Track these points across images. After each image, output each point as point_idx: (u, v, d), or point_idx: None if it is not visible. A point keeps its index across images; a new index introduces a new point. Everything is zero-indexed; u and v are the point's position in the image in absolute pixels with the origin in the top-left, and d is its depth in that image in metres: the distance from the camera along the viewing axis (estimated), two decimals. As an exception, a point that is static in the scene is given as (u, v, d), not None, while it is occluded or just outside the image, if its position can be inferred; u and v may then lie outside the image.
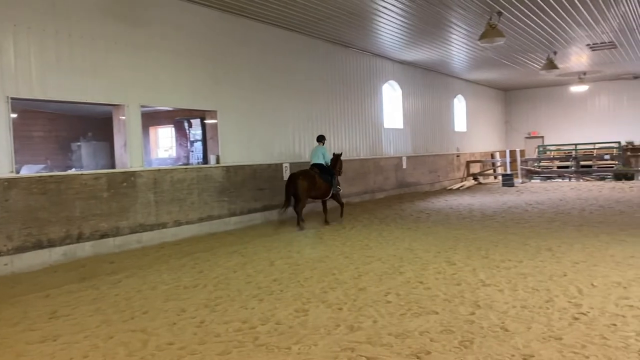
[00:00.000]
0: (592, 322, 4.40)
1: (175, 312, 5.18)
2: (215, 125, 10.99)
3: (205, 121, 11.67)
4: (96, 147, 14.39)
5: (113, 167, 9.90)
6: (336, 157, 11.91)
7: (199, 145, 13.11)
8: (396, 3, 10.93)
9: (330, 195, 11.45)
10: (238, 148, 11.36)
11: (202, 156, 12.60)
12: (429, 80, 20.05)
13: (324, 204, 11.65)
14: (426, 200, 15.77)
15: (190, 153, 13.40)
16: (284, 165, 12.57)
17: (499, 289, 5.58)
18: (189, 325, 4.78)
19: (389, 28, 13.11)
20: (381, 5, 11.09)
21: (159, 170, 9.87)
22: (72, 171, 10.76)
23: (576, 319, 4.51)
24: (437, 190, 19.59)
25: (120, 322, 4.94)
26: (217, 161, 10.88)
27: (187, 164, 12.43)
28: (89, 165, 13.59)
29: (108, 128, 10.22)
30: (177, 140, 14.73)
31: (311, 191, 10.84)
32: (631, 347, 3.84)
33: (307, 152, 13.29)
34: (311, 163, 11.52)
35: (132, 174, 9.11)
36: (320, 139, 11.89)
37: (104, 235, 8.57)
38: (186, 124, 13.65)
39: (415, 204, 14.93)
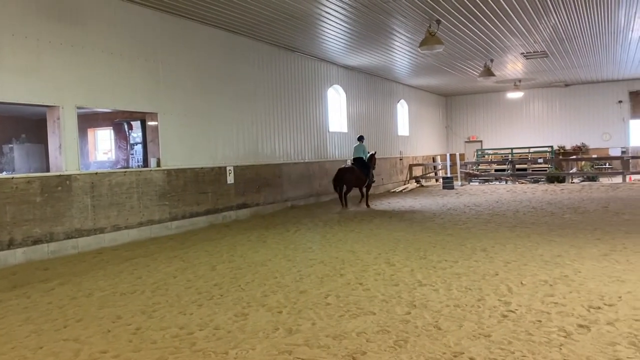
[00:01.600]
0: (519, 319, 4.62)
1: (110, 320, 5.05)
2: (156, 128, 10.77)
3: (146, 123, 11.42)
4: (30, 149, 13.80)
5: (47, 170, 9.51)
6: (371, 155, 15.05)
7: (139, 148, 12.81)
8: (339, 9, 11.09)
9: (366, 184, 14.62)
10: (180, 151, 11.18)
11: (142, 159, 12.32)
12: (373, 85, 20.44)
13: (361, 191, 14.90)
14: (370, 204, 16.02)
15: (130, 156, 13.06)
16: (228, 168, 12.48)
17: (435, 288, 5.77)
18: (124, 332, 4.67)
19: (333, 33, 13.28)
20: (324, 11, 11.22)
21: (96, 173, 9.56)
22: (3, 175, 10.27)
23: (505, 316, 4.73)
24: (381, 193, 19.95)
25: (52, 331, 4.76)
26: (158, 164, 10.67)
27: (127, 167, 12.11)
28: (22, 168, 13.00)
29: (43, 129, 9.82)
30: (116, 142, 14.32)
31: (354, 182, 14.17)
32: (553, 342, 4.06)
33: (251, 155, 13.31)
34: (352, 157, 14.90)
35: (68, 177, 8.78)
36: (361, 138, 15.31)
37: (37, 241, 8.22)
38: (126, 126, 13.30)
39: (359, 206, 15.14)
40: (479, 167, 25.39)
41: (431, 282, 6.07)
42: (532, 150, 25.60)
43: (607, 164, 24.45)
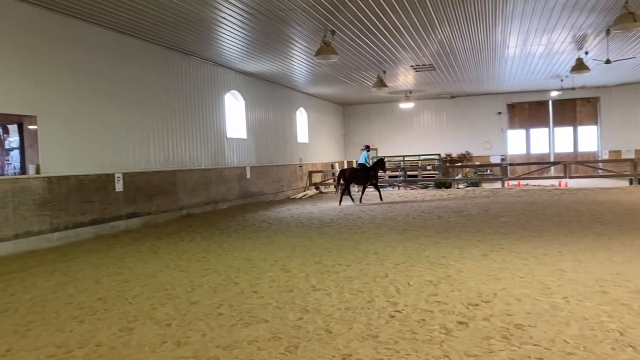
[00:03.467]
0: (405, 319, 4.82)
1: (-26, 343, 4.56)
2: (35, 132, 9.97)
3: (24, 127, 10.53)
4: None
5: None
6: (380, 160, 18.39)
7: (16, 154, 11.75)
8: (235, 15, 11.00)
9: (368, 184, 17.75)
10: (63, 157, 10.43)
11: (19, 166, 11.32)
12: (273, 92, 20.49)
13: (363, 190, 18.18)
14: (269, 210, 16.01)
15: (6, 162, 11.95)
16: (116, 175, 11.85)
17: (328, 293, 5.85)
18: (-9, 356, 4.24)
19: (230, 38, 13.13)
20: (220, 16, 11.08)
21: (-37, 181, 8.65)
22: None
23: (392, 316, 4.91)
24: (281, 200, 20.01)
25: None
26: (37, 171, 9.87)
27: (1, 175, 11.07)
28: None
29: None
30: (-11, 147, 13.03)
31: (353, 180, 17.33)
32: (435, 339, 4.28)
33: (142, 161, 12.82)
34: (358, 162, 18.24)
35: None
36: (366, 148, 18.58)
37: None
38: (1, 130, 12.15)
39: (258, 213, 15.07)
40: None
41: (325, 286, 6.16)
42: (422, 157, 27.02)
43: (488, 170, 26.42)
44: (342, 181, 17.31)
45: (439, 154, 27.28)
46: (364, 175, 17.45)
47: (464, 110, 28.51)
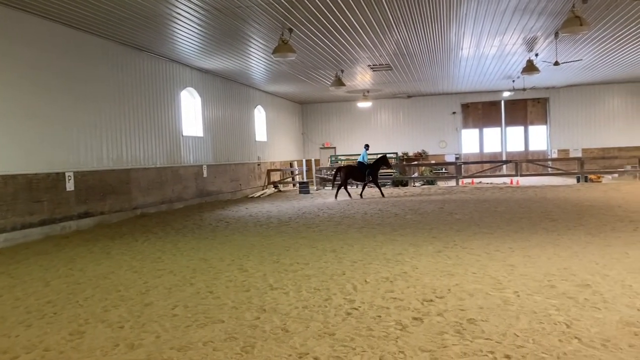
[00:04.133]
0: (362, 316, 4.86)
1: None
2: (-22, 129, 9.53)
3: (-33, 124, 10.05)
4: None
5: None
6: (382, 157, 18.59)
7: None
8: (191, 11, 10.82)
9: (367, 181, 18.32)
10: (9, 155, 10.01)
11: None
12: (230, 89, 20.28)
13: (363, 186, 18.97)
14: (227, 209, 15.85)
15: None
16: (67, 174, 11.46)
17: (285, 291, 5.84)
18: None
19: (185, 35, 12.91)
20: (175, 12, 10.87)
21: None
22: None
23: (349, 314, 4.94)
24: (239, 199, 19.84)
25: None
26: (-18, 170, 9.44)
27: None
28: None
29: None
30: None
31: (349, 176, 18.27)
32: (390, 335, 4.34)
33: (95, 160, 12.45)
34: (357, 160, 18.77)
35: None
36: (366, 147, 18.99)
37: None
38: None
39: (215, 213, 14.89)
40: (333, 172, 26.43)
41: (282, 285, 6.15)
42: (379, 156, 27.26)
43: (444, 169, 26.98)
44: (337, 178, 18.70)
45: (396, 153, 27.66)
46: (361, 173, 18.23)
47: (420, 109, 29.01)
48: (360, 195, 18.70)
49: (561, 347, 3.93)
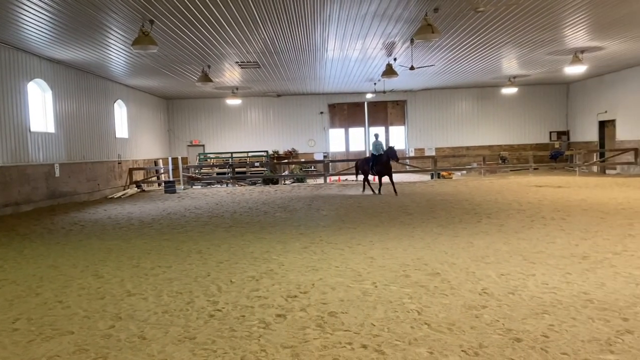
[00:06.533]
0: (225, 317, 4.77)
1: None
2: None
3: None
4: None
5: None
6: (390, 149, 16.51)
7: None
8: (37, -7, 9.82)
9: (372, 174, 17.24)
10: None
11: None
12: (86, 82, 18.79)
13: (365, 181, 17.82)
14: (83, 211, 14.69)
15: None
16: None
17: (144, 297, 5.55)
18: None
19: (32, 21, 11.67)
20: (18, -7, 9.79)
21: None
22: None
23: (212, 316, 4.83)
24: (97, 200, 18.49)
25: None
26: None
27: None
28: None
29: None
30: None
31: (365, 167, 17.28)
32: (253, 334, 4.31)
33: None
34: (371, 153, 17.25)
35: None
36: (376, 137, 17.62)
37: None
38: None
39: (69, 215, 13.72)
40: (201, 170, 25.82)
41: (141, 290, 5.83)
42: (250, 154, 27.22)
43: (313, 167, 27.63)
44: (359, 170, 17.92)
45: (267, 151, 27.75)
46: (380, 165, 16.66)
47: (290, 108, 29.40)
48: (379, 191, 17.02)
49: (412, 334, 4.20)
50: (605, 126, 25.27)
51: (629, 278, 5.65)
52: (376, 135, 17.95)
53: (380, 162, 16.64)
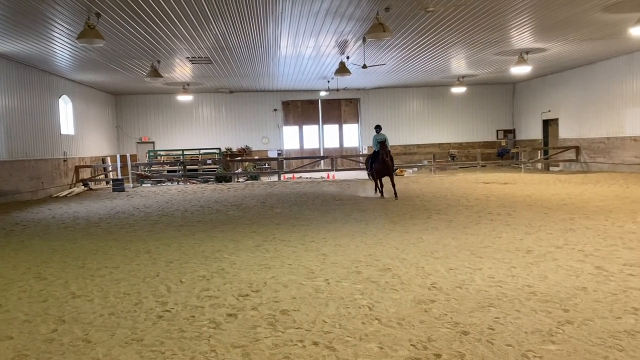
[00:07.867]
0: (174, 318, 4.67)
1: None
2: None
3: None
4: None
5: None
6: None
7: None
8: (-28, -19, 9.31)
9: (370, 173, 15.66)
10: None
11: None
12: (28, 76, 17.97)
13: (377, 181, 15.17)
14: (25, 211, 14.06)
15: None
16: None
17: (89, 298, 5.36)
18: None
19: (-34, 10, 11.07)
20: (-49, -19, 9.25)
21: None
22: None
23: (160, 317, 4.71)
24: (41, 199, 17.74)
25: None
26: None
27: None
28: None
29: None
30: None
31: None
32: (203, 334, 4.24)
33: None
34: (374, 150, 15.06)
35: None
36: (378, 128, 15.75)
37: None
38: None
39: (10, 215, 13.11)
40: (151, 168, 25.20)
41: (87, 292, 5.63)
42: (202, 151, 26.76)
43: (267, 164, 27.48)
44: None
45: (219, 148, 27.38)
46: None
47: (243, 105, 29.09)
48: (381, 193, 14.76)
49: (364, 329, 4.23)
50: (549, 125, 26.30)
51: (569, 271, 5.90)
52: (377, 128, 15.74)
53: (378, 159, 14.44)
